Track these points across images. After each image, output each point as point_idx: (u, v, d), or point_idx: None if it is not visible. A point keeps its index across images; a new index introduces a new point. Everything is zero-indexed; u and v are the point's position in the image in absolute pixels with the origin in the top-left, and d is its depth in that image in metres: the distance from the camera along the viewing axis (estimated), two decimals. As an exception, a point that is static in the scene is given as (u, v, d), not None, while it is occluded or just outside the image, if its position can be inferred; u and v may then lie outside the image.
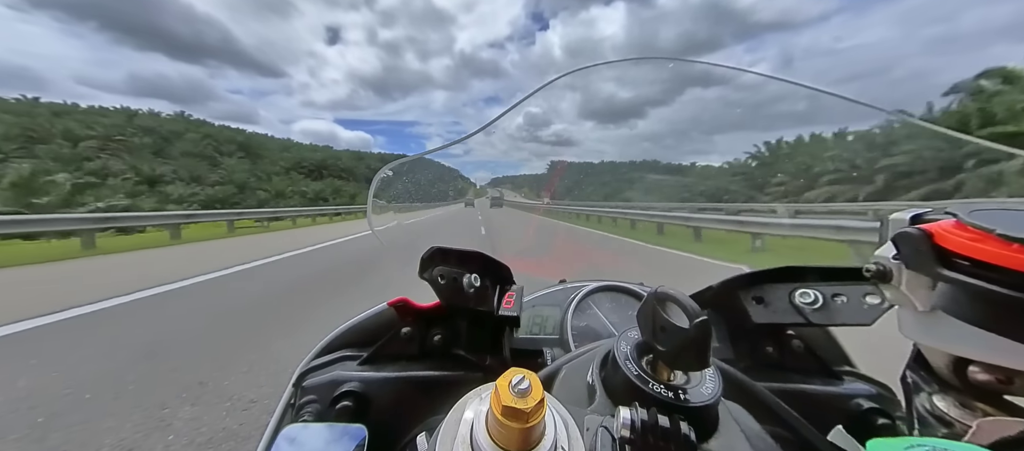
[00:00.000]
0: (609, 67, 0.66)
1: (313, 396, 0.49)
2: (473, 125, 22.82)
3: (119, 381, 2.23)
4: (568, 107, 6.79)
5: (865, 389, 0.51)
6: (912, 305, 0.28)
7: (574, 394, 0.32)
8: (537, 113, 1.07)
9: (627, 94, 11.57)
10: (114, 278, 5.20)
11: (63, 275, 5.49)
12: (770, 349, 0.54)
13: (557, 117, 6.05)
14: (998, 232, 0.22)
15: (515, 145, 12.94)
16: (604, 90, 0.95)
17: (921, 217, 0.29)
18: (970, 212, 0.25)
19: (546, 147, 18.55)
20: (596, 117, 11.81)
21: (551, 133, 12.95)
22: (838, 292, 0.49)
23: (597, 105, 11.09)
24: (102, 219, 9.14)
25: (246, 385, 2.20)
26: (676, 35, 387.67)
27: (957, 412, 0.28)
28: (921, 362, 0.32)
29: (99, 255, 7.48)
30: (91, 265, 6.42)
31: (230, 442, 1.71)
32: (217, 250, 8.32)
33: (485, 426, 0.22)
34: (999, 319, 0.23)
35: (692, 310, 0.25)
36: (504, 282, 0.62)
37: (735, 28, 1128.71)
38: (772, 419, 0.37)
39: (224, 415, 1.91)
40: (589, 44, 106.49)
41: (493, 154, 6.81)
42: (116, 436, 1.74)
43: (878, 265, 0.30)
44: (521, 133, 9.04)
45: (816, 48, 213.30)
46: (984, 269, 0.23)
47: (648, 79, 1.04)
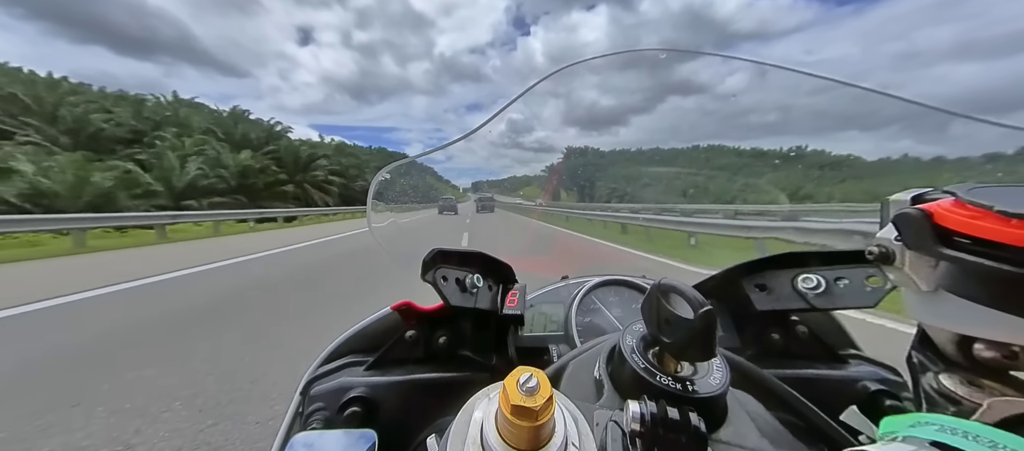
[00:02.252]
0: (604, 61, 0.66)
1: (321, 404, 0.49)
2: (455, 131, 20.92)
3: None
4: (551, 114, 6.63)
5: (871, 371, 0.51)
6: (915, 286, 0.28)
7: (582, 390, 0.32)
8: (519, 119, 1.06)
9: (610, 101, 11.44)
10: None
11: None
12: (775, 336, 0.54)
13: (540, 124, 5.91)
14: (996, 208, 0.23)
15: (497, 152, 12.63)
16: (587, 97, 0.94)
17: (922, 197, 0.29)
18: (968, 190, 0.25)
19: (528, 154, 18.27)
20: (579, 124, 11.62)
21: (533, 140, 12.70)
22: (840, 276, 0.49)
23: (580, 112, 10.83)
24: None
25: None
26: (658, 42, 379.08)
27: (964, 390, 0.28)
28: (926, 342, 0.32)
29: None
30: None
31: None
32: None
33: (495, 426, 0.22)
34: (1001, 295, 0.23)
35: (696, 301, 0.25)
36: (506, 281, 0.62)
37: (715, 37, 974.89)
38: (781, 406, 0.38)
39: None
40: (571, 50, 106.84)
41: (474, 161, 6.70)
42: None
43: (880, 247, 0.30)
44: (503, 139, 8.78)
45: (787, 60, 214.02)
46: (984, 246, 0.23)
47: (631, 87, 1.03)
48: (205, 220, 14.18)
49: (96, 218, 10.00)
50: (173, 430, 1.92)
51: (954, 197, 0.26)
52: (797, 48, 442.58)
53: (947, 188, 0.28)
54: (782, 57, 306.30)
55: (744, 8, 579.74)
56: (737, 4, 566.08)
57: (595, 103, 8.45)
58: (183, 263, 6.68)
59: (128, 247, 9.34)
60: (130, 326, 3.48)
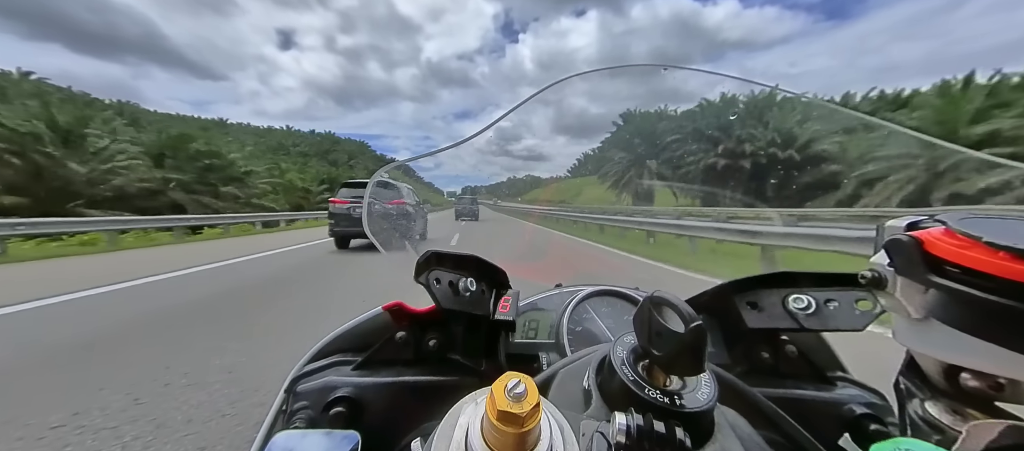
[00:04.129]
0: (599, 76, 0.67)
1: (305, 402, 0.49)
2: (443, 139, 19.91)
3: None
4: (540, 122, 6.63)
5: (858, 395, 0.51)
6: (906, 312, 0.28)
7: (570, 399, 0.32)
8: (508, 128, 1.06)
9: (599, 109, 11.50)
10: None
11: None
12: (765, 354, 0.55)
13: (529, 132, 5.86)
14: (985, 239, 0.23)
15: (485, 159, 12.48)
16: (576, 105, 0.95)
17: (916, 225, 0.30)
18: (959, 219, 0.25)
19: (518, 161, 18.06)
20: (569, 132, 11.56)
21: (523, 147, 12.51)
22: (830, 298, 0.50)
23: (569, 121, 10.77)
24: None
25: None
26: (648, 49, 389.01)
27: (949, 419, 0.28)
28: (914, 368, 0.32)
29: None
30: None
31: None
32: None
33: (480, 431, 0.22)
34: (988, 326, 0.23)
35: (687, 315, 0.25)
36: (500, 286, 0.62)
37: (704, 45, 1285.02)
38: (767, 425, 0.38)
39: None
40: (561, 56, 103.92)
41: (463, 168, 6.53)
42: None
43: (873, 272, 0.30)
44: (491, 147, 8.56)
45: (771, 72, 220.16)
46: (973, 276, 0.23)
47: (622, 95, 1.04)
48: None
49: None
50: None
51: (945, 226, 0.26)
52: (782, 60, 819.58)
53: (938, 217, 0.28)
54: (767, 68, 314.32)
55: (732, 18, 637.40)
56: (725, 13, 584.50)
57: (584, 111, 8.44)
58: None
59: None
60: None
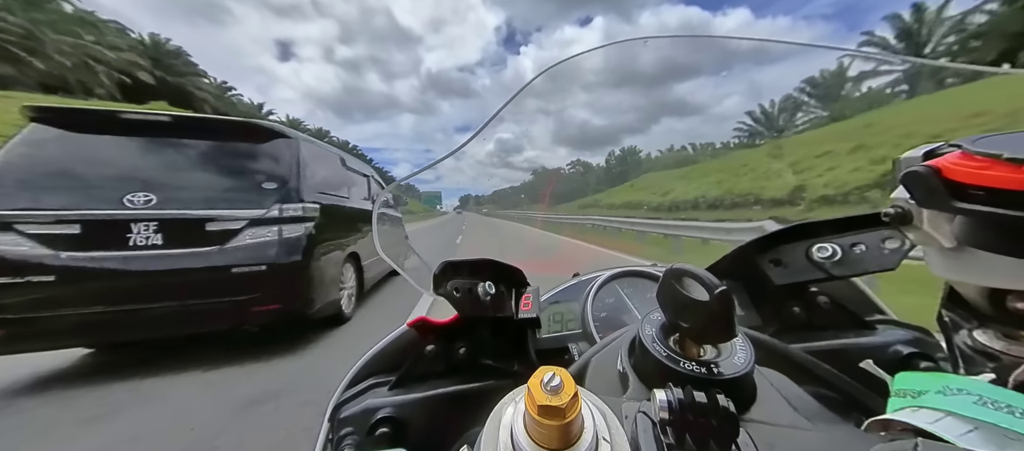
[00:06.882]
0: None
1: (350, 428, 0.49)
2: (445, 152, 19.28)
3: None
4: (541, 132, 6.62)
5: (902, 335, 0.50)
6: (937, 243, 0.27)
7: (607, 384, 0.32)
8: (509, 139, 1.05)
9: (602, 121, 11.43)
10: None
11: None
12: (796, 309, 0.53)
13: (530, 143, 5.81)
14: (1005, 156, 0.22)
15: (484, 171, 12.47)
16: (578, 116, 0.94)
17: (933, 153, 0.28)
18: (974, 141, 0.24)
19: (519, 173, 17.91)
20: (571, 143, 11.44)
21: (523, 159, 12.44)
22: (856, 241, 0.48)
23: (571, 132, 10.73)
24: None
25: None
26: (656, 60, 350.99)
27: (1001, 344, 0.27)
28: (956, 299, 0.31)
29: None
30: None
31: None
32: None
33: (524, 429, 0.22)
34: (1022, 244, 0.23)
35: (710, 282, 0.24)
36: (518, 285, 0.62)
37: (713, 56, 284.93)
38: (811, 379, 0.37)
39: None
40: (565, 68, 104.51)
41: (462, 181, 6.56)
42: None
43: (896, 208, 0.29)
44: (491, 159, 8.45)
45: (781, 85, 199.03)
46: (999, 195, 0.22)
47: (623, 107, 1.03)
48: None
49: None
50: None
51: (960, 149, 0.25)
52: (793, 73, 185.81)
53: (953, 142, 0.27)
54: (776, 79, 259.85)
55: (743, 28, 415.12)
56: (736, 23, 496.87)
57: (587, 122, 8.41)
58: None
59: None
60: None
